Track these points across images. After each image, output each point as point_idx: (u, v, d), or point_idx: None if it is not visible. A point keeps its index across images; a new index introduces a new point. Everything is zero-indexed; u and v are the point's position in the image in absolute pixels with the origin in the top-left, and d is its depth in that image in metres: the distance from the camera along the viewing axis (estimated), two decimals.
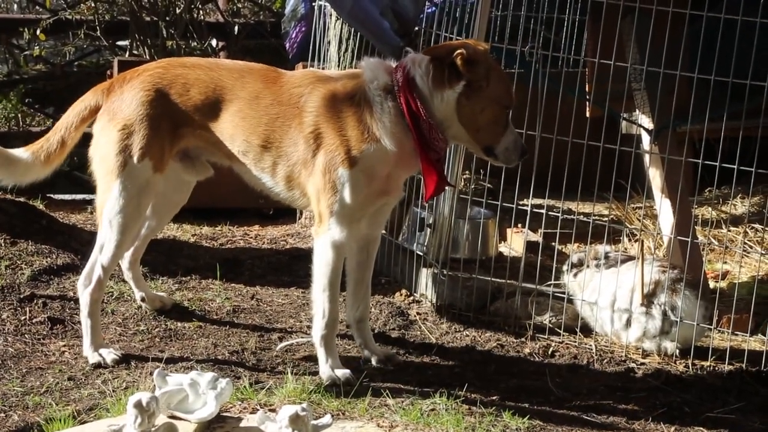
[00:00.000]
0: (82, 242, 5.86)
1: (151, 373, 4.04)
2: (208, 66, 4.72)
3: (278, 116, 4.52)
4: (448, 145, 4.54)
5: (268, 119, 4.52)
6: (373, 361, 4.74)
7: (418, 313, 5.41)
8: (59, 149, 4.74)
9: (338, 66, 6.34)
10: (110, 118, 4.62)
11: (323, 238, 4.47)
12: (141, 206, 4.64)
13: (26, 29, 8.58)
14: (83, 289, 4.71)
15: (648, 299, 5.05)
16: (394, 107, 4.38)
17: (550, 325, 5.27)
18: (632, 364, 4.98)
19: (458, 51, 4.32)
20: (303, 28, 7.57)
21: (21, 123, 8.82)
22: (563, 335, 5.22)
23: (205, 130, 4.61)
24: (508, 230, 6.37)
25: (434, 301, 5.49)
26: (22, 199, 6.35)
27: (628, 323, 5.10)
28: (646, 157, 5.78)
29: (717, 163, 5.01)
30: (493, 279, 5.42)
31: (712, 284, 5.69)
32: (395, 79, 4.40)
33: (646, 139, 5.70)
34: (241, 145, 4.57)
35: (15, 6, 11.26)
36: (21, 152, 4.76)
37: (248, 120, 4.54)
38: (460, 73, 4.33)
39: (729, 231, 6.32)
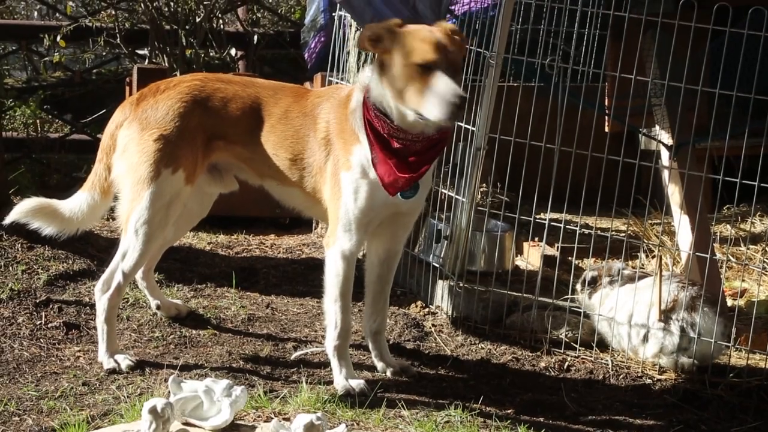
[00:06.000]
0: (98, 248, 5.87)
1: (166, 380, 4.04)
2: (244, 83, 4.75)
3: (301, 127, 4.54)
4: (408, 132, 4.28)
5: (294, 131, 4.55)
6: (388, 373, 4.72)
7: (433, 325, 5.40)
8: (109, 177, 4.74)
9: (357, 77, 6.34)
10: (143, 127, 4.60)
11: (333, 249, 4.46)
12: (168, 217, 4.63)
13: (46, 36, 8.61)
14: (101, 294, 4.71)
15: (666, 315, 5.02)
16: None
17: (566, 340, 5.24)
18: (648, 380, 4.95)
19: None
20: (322, 39, 7.59)
21: (39, 129, 8.85)
22: (579, 350, 5.19)
23: (240, 145, 4.63)
24: (525, 244, 6.35)
25: (450, 313, 5.47)
26: None
27: (646, 339, 5.07)
28: (665, 173, 5.76)
29: (737, 180, 4.98)
30: (509, 292, 5.40)
31: (730, 302, 5.66)
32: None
33: (665, 155, 5.68)
34: (275, 161, 4.58)
35: (35, 13, 11.32)
36: (81, 196, 4.79)
37: (278, 134, 4.56)
38: (374, 53, 4.31)
39: (748, 249, 6.29)
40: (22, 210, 4.77)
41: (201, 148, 4.61)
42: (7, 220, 4.83)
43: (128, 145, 4.64)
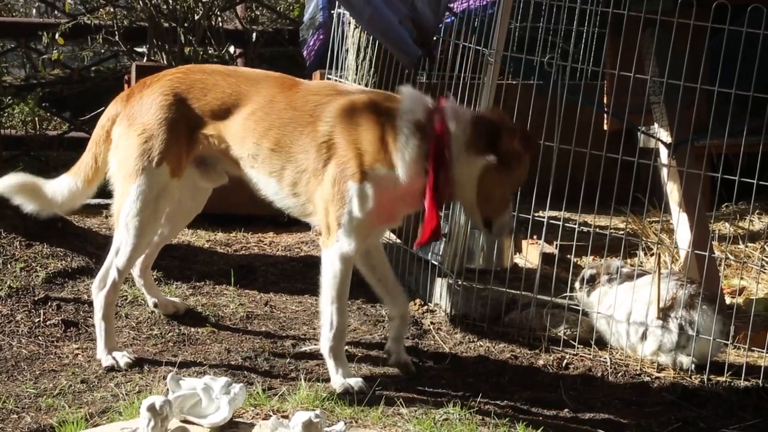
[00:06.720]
0: (97, 245, 5.86)
1: (165, 377, 4.03)
2: (226, 72, 4.76)
3: (291, 121, 4.52)
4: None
5: (281, 123, 4.53)
6: (391, 360, 4.75)
7: (432, 323, 5.39)
8: (94, 166, 4.78)
9: (356, 74, 6.34)
10: (130, 123, 4.65)
11: (332, 250, 4.46)
12: (158, 211, 4.65)
13: (45, 33, 8.60)
14: (98, 292, 4.72)
15: (665, 313, 5.02)
16: (418, 146, 4.35)
17: (565, 338, 5.24)
18: (647, 378, 4.95)
19: (512, 130, 4.39)
20: (321, 37, 7.58)
21: (38, 127, 8.85)
22: (578, 347, 5.19)
23: (218, 133, 4.61)
24: (524, 242, 6.35)
25: (448, 311, 5.47)
26: None
27: (644, 336, 5.07)
28: (664, 171, 5.76)
29: (735, 178, 4.98)
30: (507, 290, 5.39)
31: (728, 300, 5.66)
32: (431, 120, 4.37)
33: (664, 153, 5.68)
34: (251, 148, 4.56)
35: (34, 10, 11.32)
36: (64, 179, 4.82)
37: (261, 123, 4.54)
38: (497, 147, 4.35)
39: (746, 247, 6.29)
40: (6, 185, 4.77)
41: (185, 140, 4.63)
42: None
43: (118, 142, 4.68)
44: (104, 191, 4.90)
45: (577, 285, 5.41)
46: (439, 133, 4.35)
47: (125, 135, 4.65)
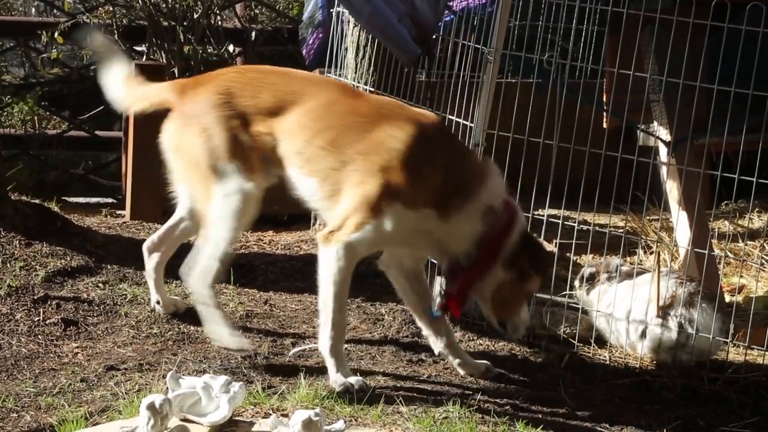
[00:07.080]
0: (96, 245, 5.86)
1: (164, 376, 4.03)
2: (283, 72, 4.78)
3: (352, 123, 4.46)
4: None
5: (341, 125, 4.47)
6: (470, 372, 4.78)
7: None
8: (127, 100, 4.89)
9: (355, 73, 6.34)
10: (185, 122, 4.65)
11: (336, 247, 4.42)
12: (242, 205, 4.58)
13: (44, 32, 8.60)
14: (201, 286, 4.69)
15: (664, 311, 5.02)
16: (476, 229, 4.37)
17: (564, 336, 5.24)
18: (647, 377, 4.95)
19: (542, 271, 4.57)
20: (320, 35, 7.58)
21: (37, 126, 8.84)
22: (577, 346, 5.19)
23: (269, 130, 4.57)
24: None
25: None
26: (37, 201, 6.35)
27: (644, 335, 5.07)
28: (664, 169, 5.76)
29: (735, 176, 4.98)
30: None
31: (728, 298, 5.66)
32: (503, 217, 4.40)
33: (663, 151, 5.68)
34: (299, 145, 4.51)
35: (33, 9, 11.31)
36: (118, 79, 4.90)
37: (317, 121, 4.50)
38: (524, 269, 4.47)
39: (746, 245, 6.29)
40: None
41: (245, 138, 4.57)
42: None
43: (177, 142, 4.69)
44: (103, 190, 4.89)
45: (576, 283, 5.41)
46: (504, 235, 4.40)
47: (183, 135, 4.64)
